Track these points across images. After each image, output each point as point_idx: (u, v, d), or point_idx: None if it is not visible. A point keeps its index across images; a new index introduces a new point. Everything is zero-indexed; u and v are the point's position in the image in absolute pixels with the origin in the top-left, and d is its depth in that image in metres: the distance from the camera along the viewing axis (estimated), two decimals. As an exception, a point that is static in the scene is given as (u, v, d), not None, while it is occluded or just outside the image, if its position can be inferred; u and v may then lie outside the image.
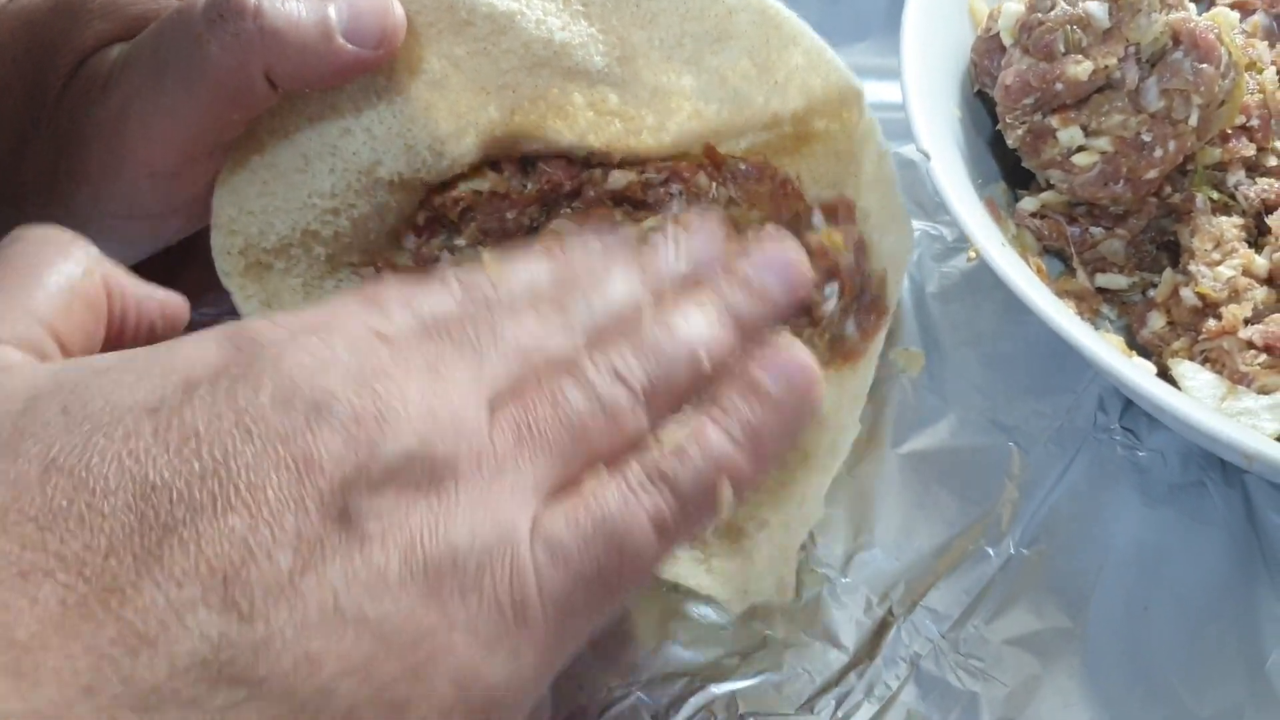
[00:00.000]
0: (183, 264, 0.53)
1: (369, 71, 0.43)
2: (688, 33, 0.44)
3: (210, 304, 0.52)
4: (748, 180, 0.49)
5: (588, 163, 0.49)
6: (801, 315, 0.46)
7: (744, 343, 0.35)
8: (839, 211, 0.48)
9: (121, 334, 0.34)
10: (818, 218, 0.48)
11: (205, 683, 0.25)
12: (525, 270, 0.35)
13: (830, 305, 0.46)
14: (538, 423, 0.31)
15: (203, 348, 0.29)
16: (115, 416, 0.28)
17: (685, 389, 0.34)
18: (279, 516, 0.27)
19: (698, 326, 0.34)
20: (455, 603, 0.28)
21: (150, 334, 0.35)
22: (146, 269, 0.51)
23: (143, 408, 0.28)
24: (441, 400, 0.30)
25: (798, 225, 0.48)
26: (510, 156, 0.49)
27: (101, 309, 0.33)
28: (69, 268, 0.32)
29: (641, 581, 0.32)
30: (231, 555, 0.26)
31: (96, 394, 0.28)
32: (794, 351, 0.34)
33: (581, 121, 0.45)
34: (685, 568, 0.44)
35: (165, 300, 0.35)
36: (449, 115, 0.45)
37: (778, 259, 0.37)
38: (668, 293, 0.36)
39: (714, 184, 0.49)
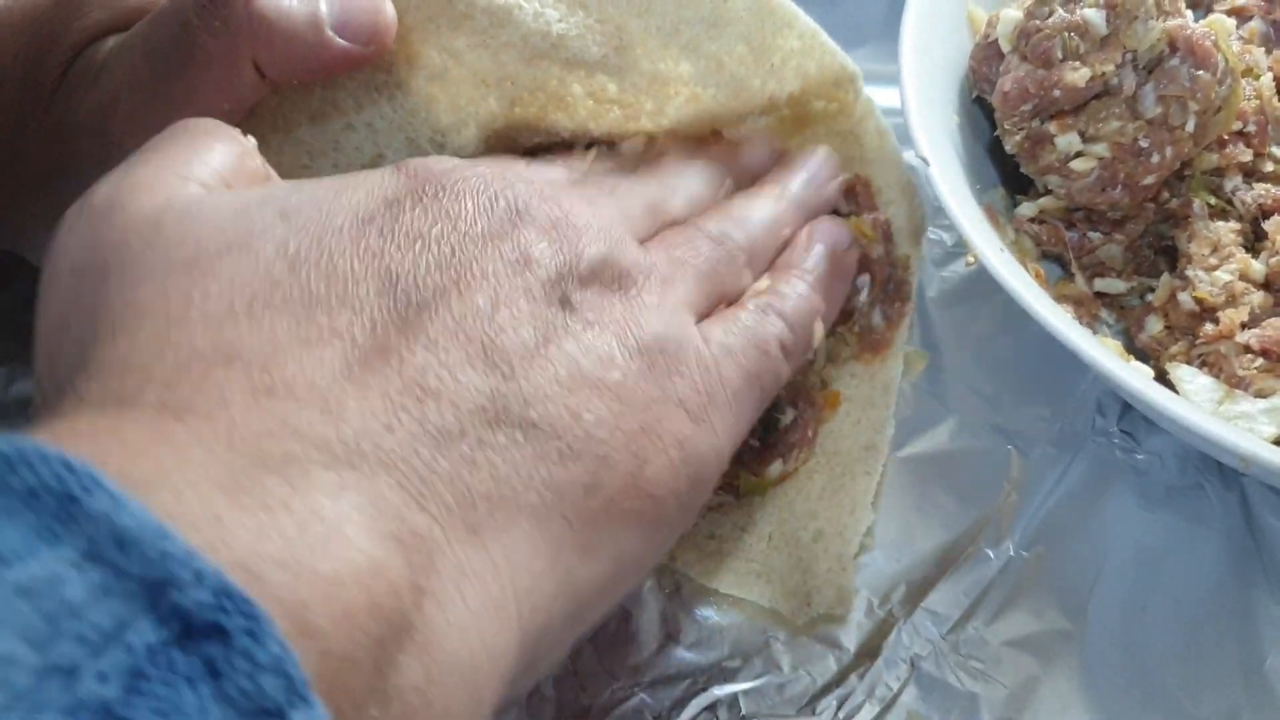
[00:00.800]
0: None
1: (358, 68, 0.43)
2: (684, 19, 0.45)
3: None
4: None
5: (588, 147, 0.49)
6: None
7: (802, 217, 0.45)
8: (857, 192, 0.49)
9: None
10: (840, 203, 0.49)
11: (488, 425, 0.30)
12: (625, 151, 0.44)
13: (862, 297, 0.48)
14: (682, 255, 0.39)
15: (386, 178, 0.34)
16: (336, 222, 0.32)
17: (769, 252, 0.43)
18: (515, 299, 0.32)
19: (767, 208, 0.43)
20: (666, 380, 0.34)
21: None
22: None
23: (358, 216, 0.32)
24: (608, 223, 0.36)
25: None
26: (512, 148, 0.49)
27: (257, 175, 0.36)
28: (233, 141, 0.36)
29: (775, 390, 0.40)
30: (484, 327, 0.31)
31: (308, 204, 0.32)
32: (833, 223, 0.45)
33: (581, 111, 0.46)
34: (747, 581, 0.45)
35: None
36: (449, 108, 0.45)
37: (815, 160, 0.47)
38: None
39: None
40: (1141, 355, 0.47)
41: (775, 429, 0.46)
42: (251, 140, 0.36)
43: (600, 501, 0.31)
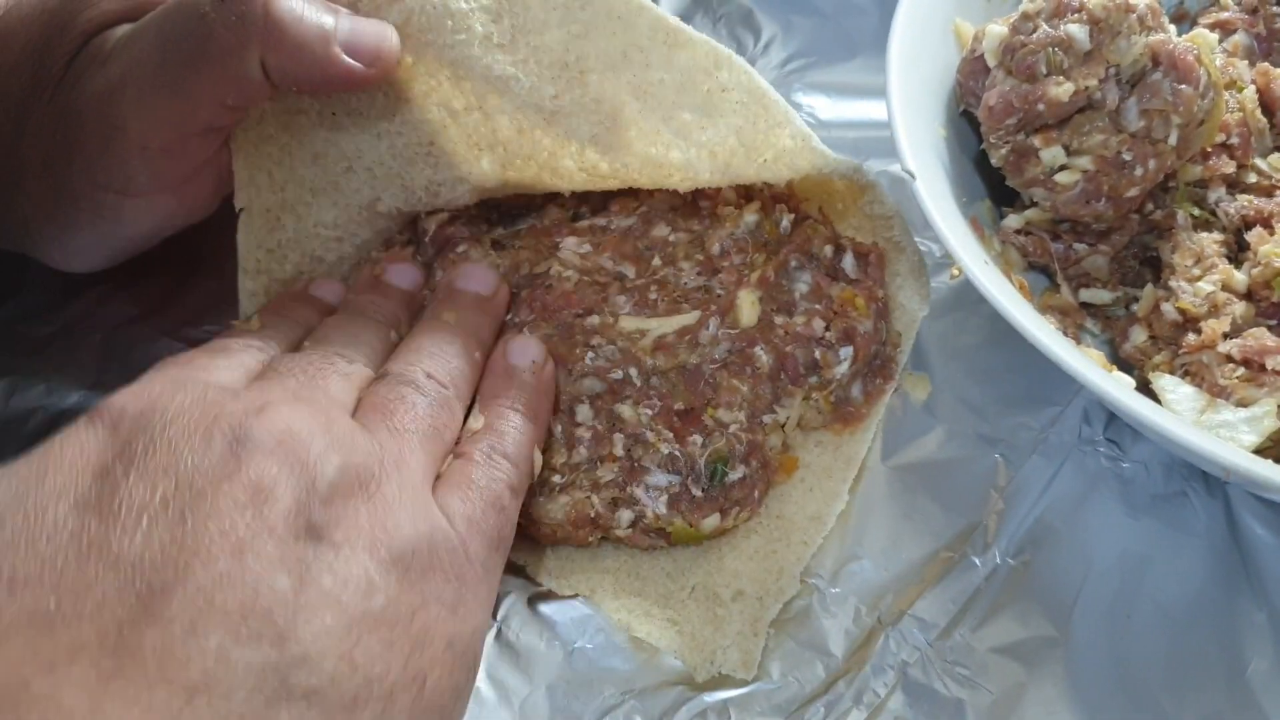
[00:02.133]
0: (185, 283, 0.54)
1: (358, 88, 0.44)
2: (680, 104, 0.45)
3: (212, 322, 0.54)
4: (774, 204, 0.50)
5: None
6: (811, 375, 0.47)
7: (485, 334, 0.45)
8: (870, 259, 0.49)
9: None
10: (849, 260, 0.49)
11: (266, 707, 0.28)
12: (284, 328, 0.44)
13: (842, 369, 0.47)
14: (402, 423, 0.38)
15: (84, 438, 0.32)
16: (51, 520, 0.29)
17: (471, 380, 0.43)
18: (260, 545, 0.30)
19: (450, 337, 0.43)
20: (421, 581, 0.33)
21: None
22: (150, 288, 0.53)
23: (72, 507, 0.30)
24: (326, 420, 0.35)
25: (828, 265, 0.49)
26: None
27: None
28: None
29: (511, 538, 0.40)
30: (238, 594, 0.29)
31: (11, 510, 0.30)
32: (527, 338, 0.45)
33: (577, 179, 0.46)
34: (659, 629, 0.45)
35: None
36: (445, 164, 0.46)
37: (470, 270, 0.47)
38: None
39: (741, 203, 0.50)
40: (1125, 365, 0.48)
41: (721, 482, 0.45)
42: None
43: None
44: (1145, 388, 0.45)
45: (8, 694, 0.26)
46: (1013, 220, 0.50)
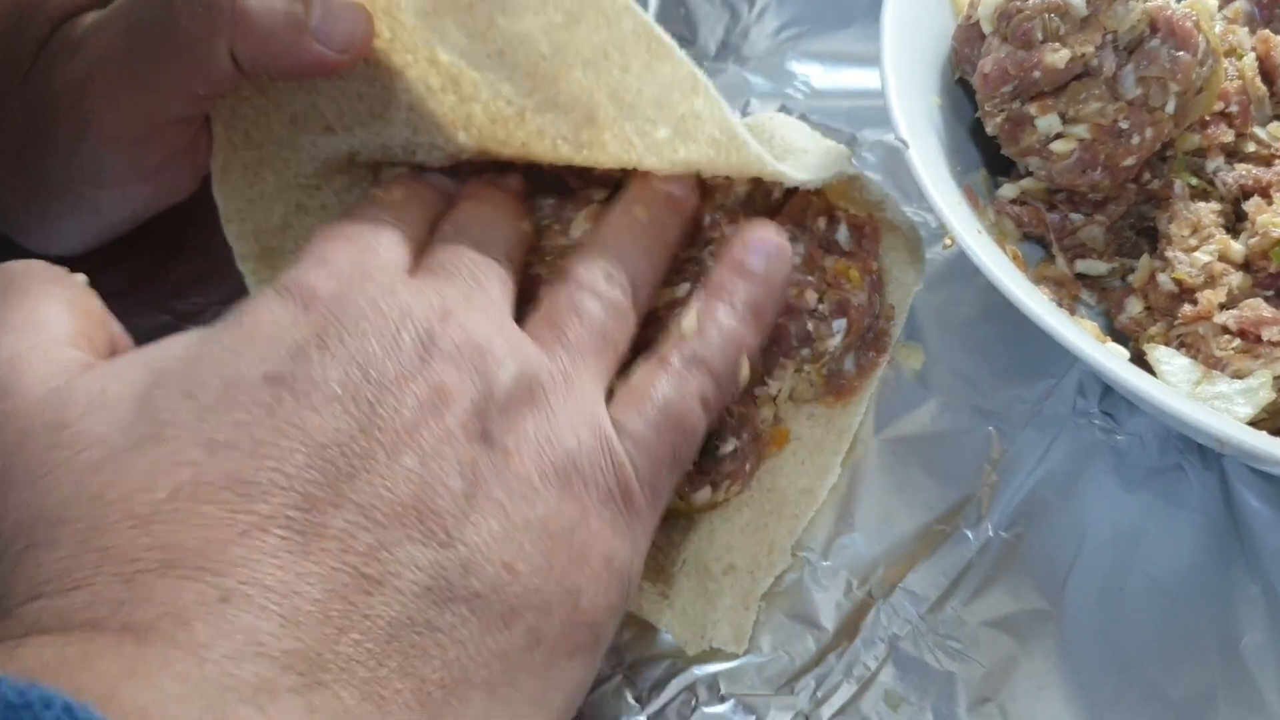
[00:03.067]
0: (173, 255, 0.54)
1: (331, 74, 0.43)
2: (655, 120, 0.43)
3: (200, 294, 0.53)
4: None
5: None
6: (804, 347, 0.47)
7: (671, 255, 0.42)
8: (865, 231, 0.49)
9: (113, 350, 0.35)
10: (843, 233, 0.49)
11: (434, 607, 0.29)
12: (431, 202, 0.42)
13: (835, 341, 0.47)
14: (576, 335, 0.37)
15: (277, 313, 0.33)
16: (245, 393, 0.30)
17: (655, 277, 0.41)
18: (439, 448, 0.31)
19: (644, 226, 0.42)
20: (584, 495, 0.33)
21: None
22: (137, 261, 0.52)
23: (265, 379, 0.31)
24: (499, 326, 0.35)
25: (821, 237, 0.49)
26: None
27: (106, 322, 0.35)
28: (66, 285, 0.35)
29: (696, 447, 0.38)
30: (416, 491, 0.30)
31: (209, 375, 0.31)
32: (761, 229, 0.42)
33: (553, 159, 0.45)
34: (649, 603, 0.44)
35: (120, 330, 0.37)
36: (424, 129, 0.45)
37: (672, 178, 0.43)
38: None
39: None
40: (1121, 337, 0.47)
41: (713, 455, 0.44)
42: (81, 278, 0.35)
43: (545, 651, 0.31)
44: (1141, 359, 0.45)
45: (206, 553, 0.27)
46: (1008, 190, 0.50)
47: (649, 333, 0.44)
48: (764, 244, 0.41)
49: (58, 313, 0.33)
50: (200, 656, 0.26)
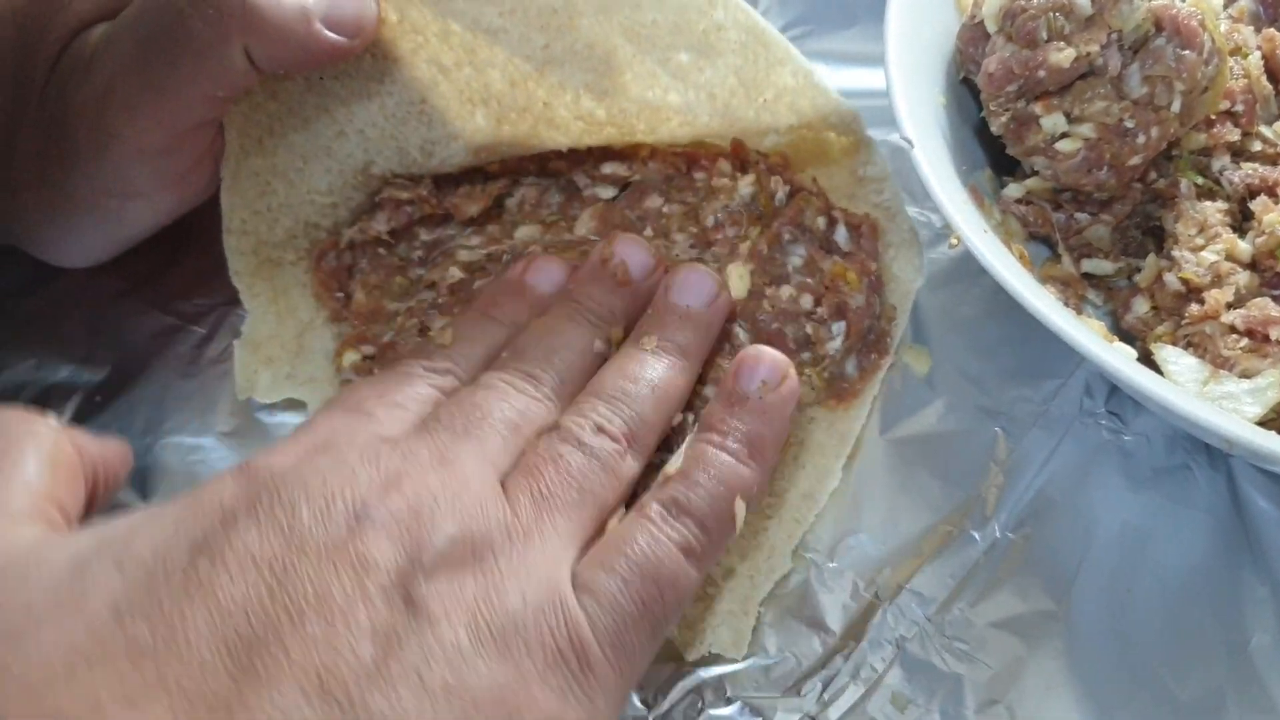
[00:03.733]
0: (174, 257, 0.54)
1: (343, 61, 0.43)
2: (676, 45, 0.44)
3: (202, 295, 0.53)
4: (769, 176, 0.49)
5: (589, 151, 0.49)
6: (803, 351, 0.47)
7: (692, 376, 0.41)
8: (862, 232, 0.49)
9: (95, 488, 0.35)
10: (842, 233, 0.49)
11: None
12: (482, 340, 0.42)
13: (835, 344, 0.47)
14: (548, 488, 0.35)
15: (222, 487, 0.32)
16: (169, 560, 0.30)
17: (661, 423, 0.40)
18: (351, 614, 0.30)
19: (652, 366, 0.40)
20: (525, 660, 0.31)
21: (117, 480, 0.37)
22: (139, 264, 0.52)
23: (191, 547, 0.30)
24: (461, 486, 0.34)
25: (819, 238, 0.48)
26: (504, 158, 0.49)
27: (79, 470, 0.35)
28: (44, 439, 0.34)
29: (683, 607, 0.36)
30: (319, 657, 0.29)
31: (142, 544, 0.31)
32: (761, 353, 0.40)
33: (573, 129, 0.46)
34: None
35: (113, 447, 0.37)
36: (439, 120, 0.45)
37: (691, 279, 0.44)
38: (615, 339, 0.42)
39: (737, 175, 0.49)
40: (1128, 336, 0.47)
41: None
42: (53, 420, 0.35)
43: None
44: (1147, 359, 0.45)
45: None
46: (1013, 189, 0.50)
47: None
48: (762, 367, 0.40)
49: (29, 479, 0.33)
50: None
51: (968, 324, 0.51)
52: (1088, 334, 0.40)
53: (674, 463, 0.38)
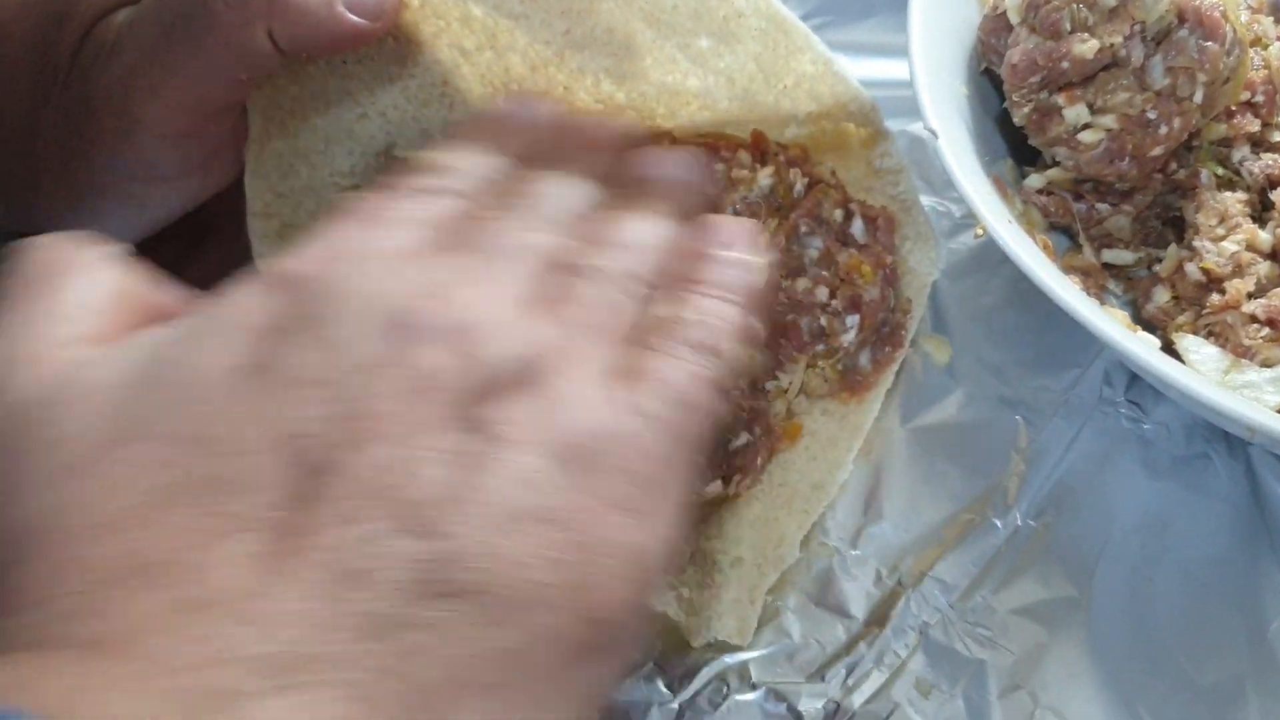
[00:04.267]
0: (199, 246, 0.54)
1: (367, 43, 0.44)
2: (696, 31, 0.44)
3: (228, 284, 0.53)
4: (788, 168, 0.49)
5: None
6: (817, 342, 0.47)
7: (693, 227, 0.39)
8: (879, 225, 0.49)
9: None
10: (858, 225, 0.49)
11: (422, 602, 0.27)
12: (483, 163, 0.39)
13: (848, 337, 0.47)
14: (581, 315, 0.34)
15: (252, 298, 0.31)
16: (215, 383, 0.29)
17: (658, 271, 0.37)
18: (419, 437, 0.29)
19: (649, 224, 0.38)
20: (593, 481, 0.30)
21: None
22: (164, 253, 0.52)
23: (233, 368, 0.29)
24: (501, 304, 0.32)
25: (836, 231, 0.49)
26: None
27: (142, 303, 0.33)
28: (103, 267, 0.33)
29: (706, 441, 0.35)
30: (393, 482, 0.28)
31: (183, 366, 0.29)
32: (729, 222, 0.40)
33: (594, 113, 0.46)
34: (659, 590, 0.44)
35: (175, 294, 0.35)
36: (461, 103, 0.46)
37: (676, 157, 0.42)
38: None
39: (756, 167, 0.49)
40: (1148, 326, 0.47)
41: (723, 449, 0.44)
42: (123, 250, 0.34)
43: (552, 650, 0.29)
44: (1169, 348, 0.45)
45: (174, 559, 0.26)
46: (1035, 180, 0.50)
47: None
48: (738, 232, 0.40)
49: (80, 306, 0.31)
50: (168, 666, 0.24)
51: (988, 314, 0.51)
52: (1112, 323, 0.40)
53: (662, 307, 0.37)
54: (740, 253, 0.39)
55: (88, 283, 0.32)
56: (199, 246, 0.54)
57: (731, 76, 0.45)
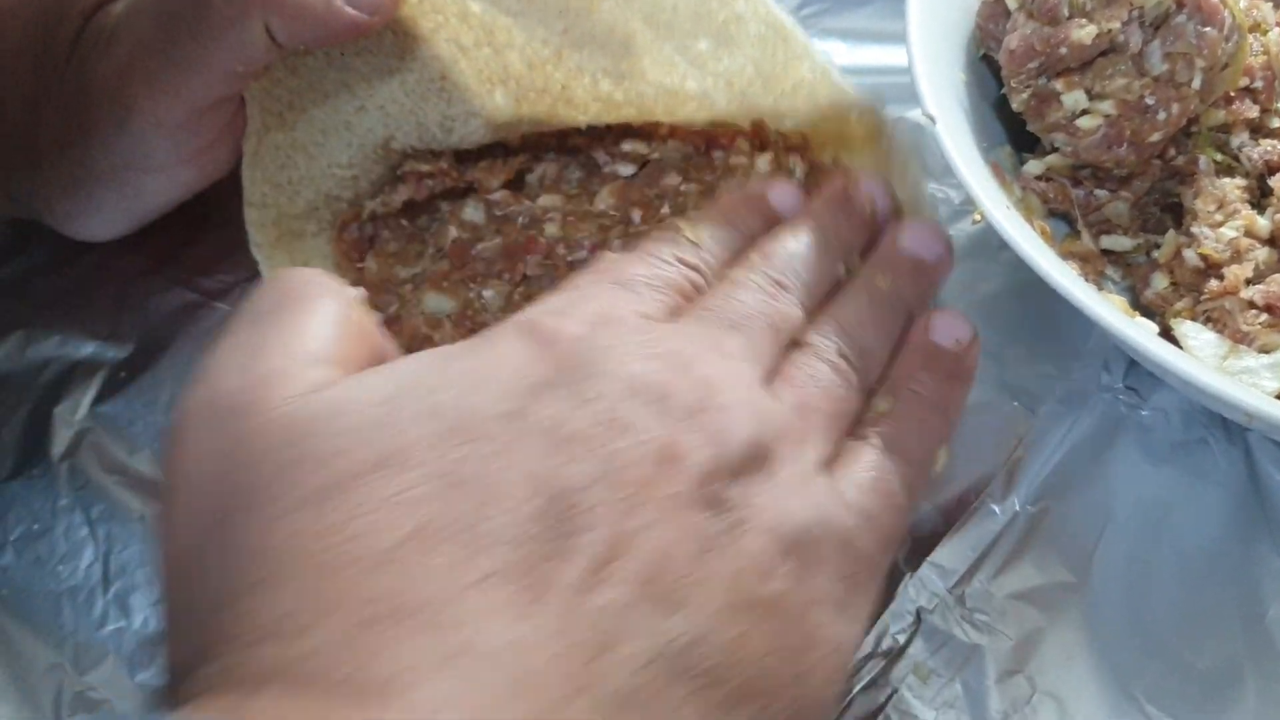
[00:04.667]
0: (197, 233, 0.54)
1: (364, 36, 0.44)
2: (695, 33, 0.44)
3: (226, 271, 0.53)
4: (787, 154, 0.49)
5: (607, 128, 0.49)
6: None
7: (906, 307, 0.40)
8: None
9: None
10: None
11: (662, 678, 0.27)
12: (725, 241, 0.40)
13: None
14: (810, 399, 0.35)
15: (516, 350, 0.31)
16: (486, 425, 0.29)
17: (883, 359, 0.39)
18: (671, 512, 0.29)
19: (886, 305, 0.39)
20: (817, 576, 0.31)
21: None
22: (162, 240, 0.52)
23: (504, 414, 0.29)
24: (744, 383, 0.33)
25: None
26: (524, 134, 0.49)
27: (371, 340, 0.33)
28: (340, 300, 0.33)
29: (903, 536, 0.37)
30: (647, 553, 0.28)
31: (450, 403, 0.29)
32: (952, 318, 0.40)
33: (592, 109, 0.46)
34: None
35: (389, 341, 0.36)
36: (458, 98, 0.46)
37: (917, 232, 0.42)
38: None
39: (754, 153, 0.49)
40: (1147, 312, 0.47)
41: None
42: (357, 292, 0.34)
43: None
44: (1167, 334, 0.45)
45: (434, 606, 0.26)
46: (1033, 166, 0.50)
47: None
48: (953, 328, 0.40)
49: (323, 330, 0.31)
50: (433, 718, 0.24)
51: (987, 300, 0.51)
52: (1110, 309, 0.40)
53: (882, 403, 0.38)
54: (959, 349, 0.39)
55: (327, 311, 0.32)
56: (199, 234, 0.54)
57: (730, 79, 0.45)
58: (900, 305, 0.40)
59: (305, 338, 0.31)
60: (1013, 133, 0.51)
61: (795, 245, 0.39)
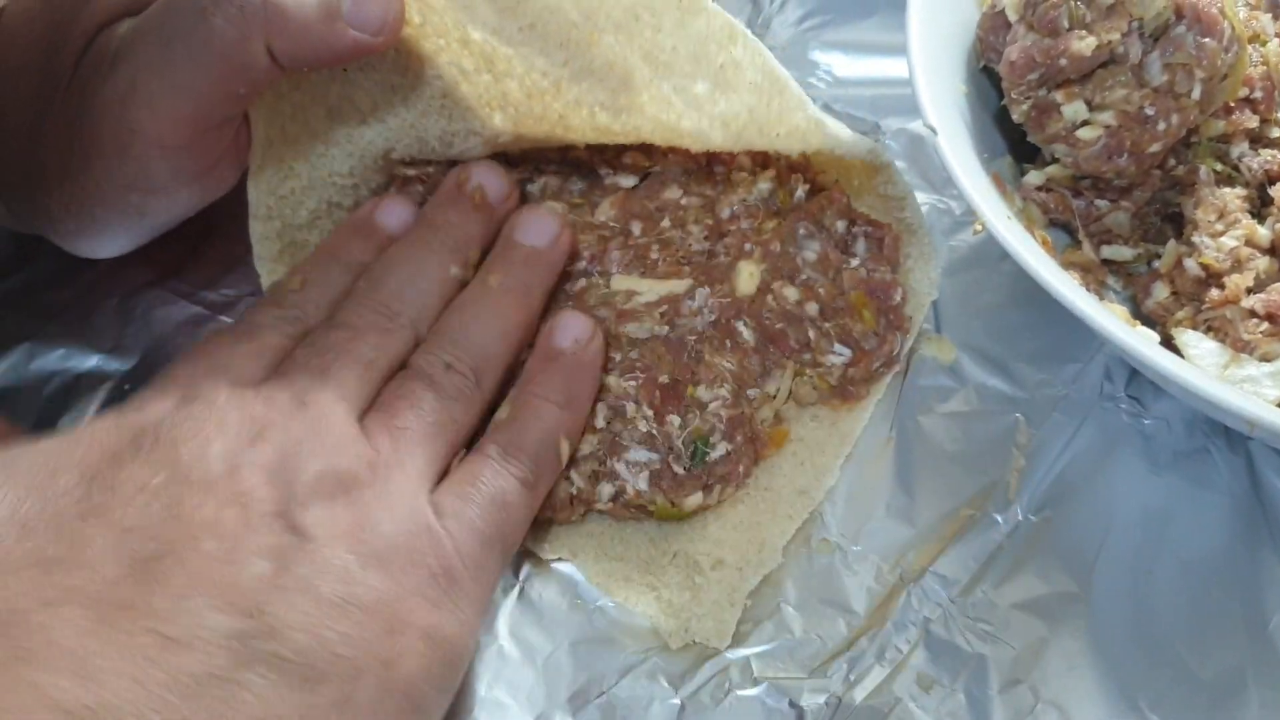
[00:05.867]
0: (201, 247, 0.54)
1: (367, 56, 0.44)
2: (693, 75, 0.44)
3: (229, 284, 0.54)
4: (790, 173, 0.49)
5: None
6: (803, 351, 0.47)
7: (531, 303, 0.45)
8: (885, 243, 0.49)
9: None
10: (862, 245, 0.49)
11: (237, 665, 0.31)
12: (330, 282, 0.44)
13: (835, 360, 0.47)
14: (404, 424, 0.39)
15: (99, 432, 0.35)
16: (63, 485, 0.33)
17: (506, 358, 0.44)
18: (243, 536, 0.34)
19: (498, 305, 0.44)
20: (402, 577, 0.36)
21: None
22: (166, 254, 0.53)
23: (82, 473, 0.33)
24: (323, 428, 0.37)
25: (836, 239, 0.49)
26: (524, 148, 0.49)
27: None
28: None
29: (523, 531, 0.42)
30: (219, 570, 0.32)
31: (33, 466, 0.33)
32: (571, 319, 0.45)
33: (589, 135, 0.46)
34: (636, 593, 0.45)
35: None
36: (459, 116, 0.46)
37: (532, 219, 0.47)
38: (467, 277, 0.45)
39: (757, 170, 0.49)
40: (1148, 321, 0.48)
41: (701, 460, 0.44)
42: None
43: (355, 714, 0.33)
44: (1168, 344, 0.45)
45: (8, 621, 0.29)
46: (1034, 177, 0.50)
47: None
48: (570, 329, 0.44)
49: None
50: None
51: (988, 310, 0.51)
52: (1111, 318, 0.40)
53: (503, 411, 0.43)
54: (578, 347, 0.44)
55: None
56: (203, 248, 0.55)
57: (726, 121, 0.45)
58: (519, 295, 0.44)
59: None
60: (1013, 144, 0.52)
61: (402, 264, 0.44)
